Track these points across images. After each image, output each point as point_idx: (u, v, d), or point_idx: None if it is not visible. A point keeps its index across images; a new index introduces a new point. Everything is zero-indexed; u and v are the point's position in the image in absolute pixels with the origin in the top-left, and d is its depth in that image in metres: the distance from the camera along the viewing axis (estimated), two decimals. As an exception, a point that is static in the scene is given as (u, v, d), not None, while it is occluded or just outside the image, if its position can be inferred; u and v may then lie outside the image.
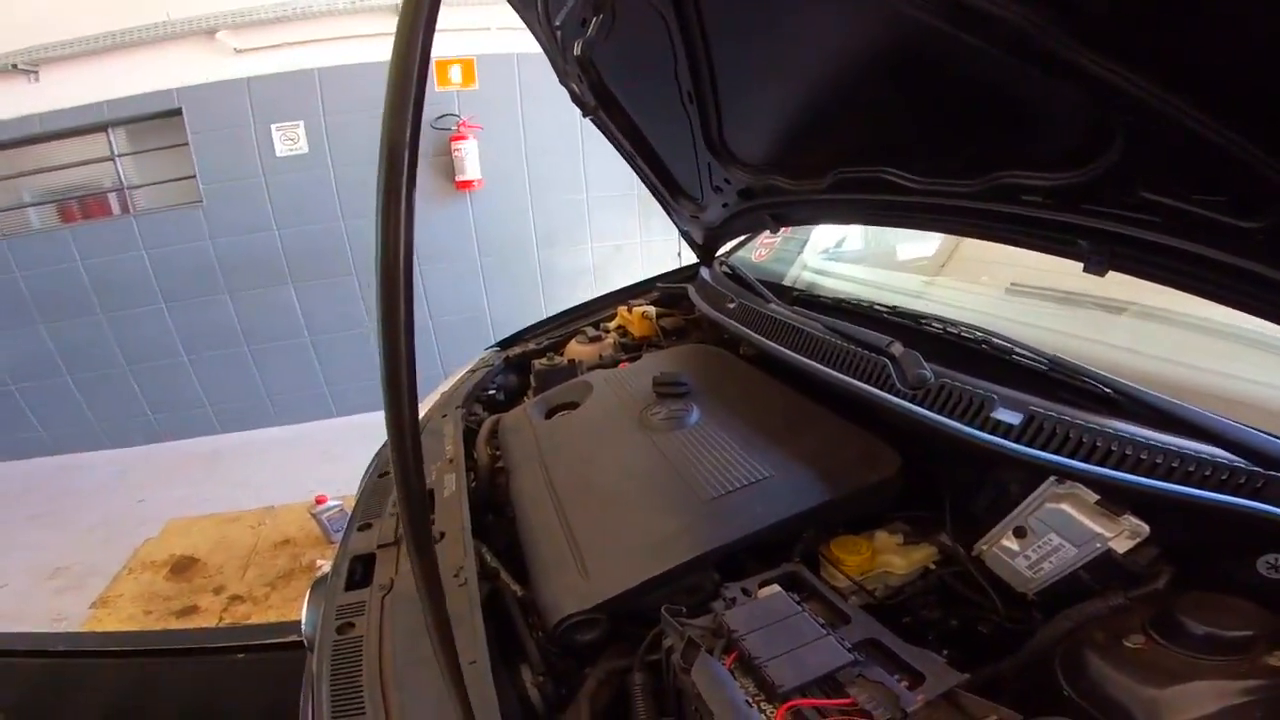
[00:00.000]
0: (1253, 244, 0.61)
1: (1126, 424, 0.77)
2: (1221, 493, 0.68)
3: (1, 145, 3.58)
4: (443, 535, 1.06)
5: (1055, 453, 0.78)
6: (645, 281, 2.11)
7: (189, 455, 4.05)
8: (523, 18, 1.38)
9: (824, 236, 2.09)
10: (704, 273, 1.84)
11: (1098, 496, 0.75)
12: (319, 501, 2.90)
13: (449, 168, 3.74)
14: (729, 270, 1.76)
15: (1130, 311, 1.18)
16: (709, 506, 0.93)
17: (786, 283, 1.79)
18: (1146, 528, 0.73)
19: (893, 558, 0.95)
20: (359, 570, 1.06)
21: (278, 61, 3.55)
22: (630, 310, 1.90)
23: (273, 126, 3.64)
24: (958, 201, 0.91)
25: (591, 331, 1.89)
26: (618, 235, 4.12)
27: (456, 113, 3.68)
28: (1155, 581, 0.73)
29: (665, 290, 2.02)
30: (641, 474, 1.07)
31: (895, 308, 1.26)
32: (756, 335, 1.37)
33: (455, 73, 3.65)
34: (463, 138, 3.63)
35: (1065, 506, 0.77)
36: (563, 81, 1.55)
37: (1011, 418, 0.83)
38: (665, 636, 0.75)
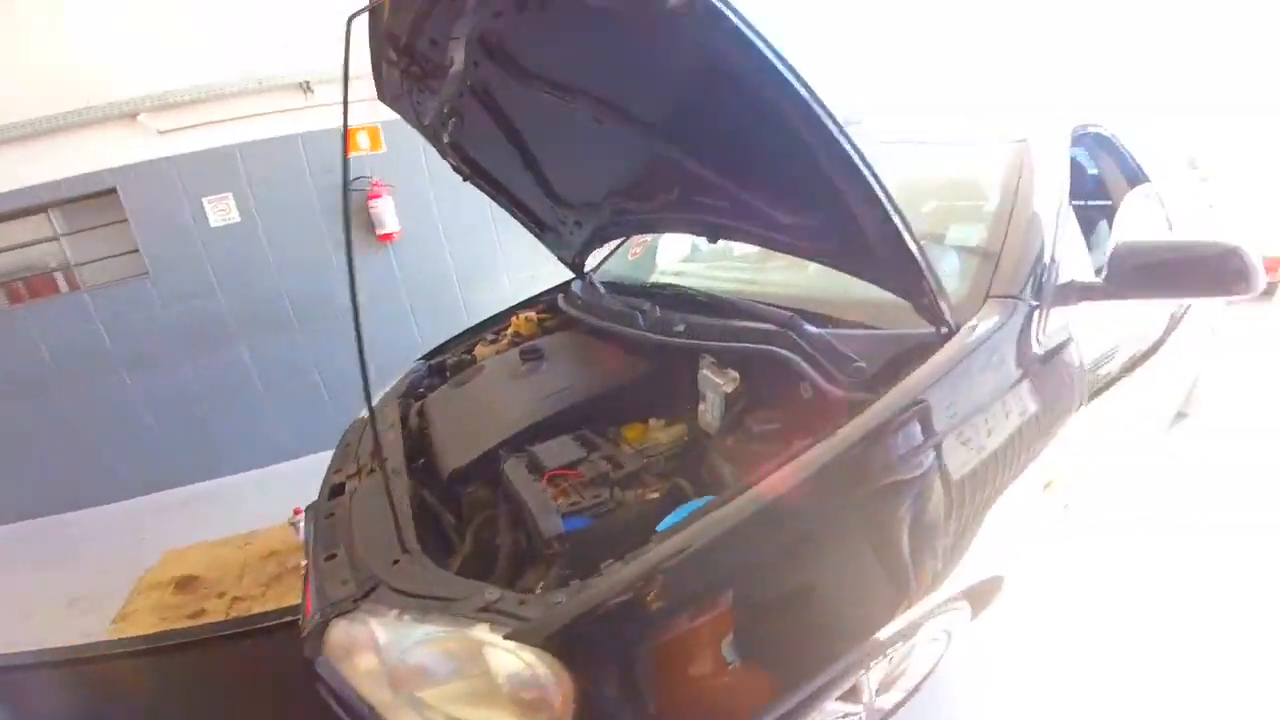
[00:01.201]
0: (734, 215, 1.34)
1: (734, 320, 1.47)
2: (750, 343, 1.37)
3: None
4: (385, 460, 1.69)
5: (696, 340, 1.48)
6: (533, 297, 2.76)
7: (168, 504, 4.44)
8: (403, 117, 1.97)
9: (672, 245, 2.77)
10: (574, 284, 2.50)
11: (714, 360, 1.45)
12: (296, 513, 3.34)
13: (369, 224, 4.23)
14: (589, 280, 2.43)
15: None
16: (532, 404, 1.60)
17: (649, 280, 2.44)
18: (737, 375, 1.41)
19: (659, 434, 1.59)
20: (334, 491, 1.65)
21: (200, 140, 3.92)
22: (520, 317, 2.56)
23: (204, 200, 4.01)
24: (654, 214, 1.64)
25: (491, 336, 2.54)
26: (529, 265, 4.57)
27: (368, 174, 4.18)
28: (737, 405, 1.38)
29: (548, 300, 2.68)
30: (506, 398, 1.73)
31: (669, 285, 1.99)
32: (586, 316, 2.05)
33: (363, 139, 4.15)
34: (377, 195, 4.12)
35: (706, 371, 1.47)
36: (443, 156, 2.16)
37: (680, 326, 1.53)
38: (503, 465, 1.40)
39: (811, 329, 1.33)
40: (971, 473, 1.20)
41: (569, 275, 2.59)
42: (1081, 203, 2.16)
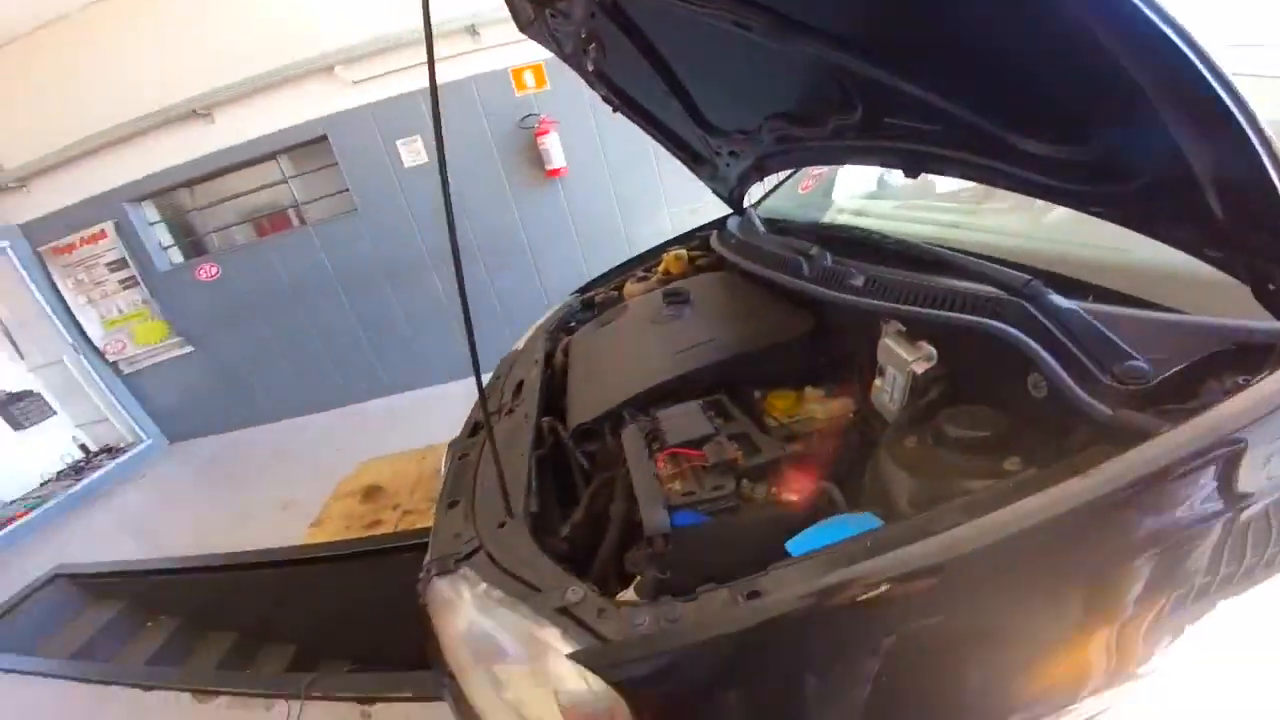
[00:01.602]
0: (939, 139, 0.95)
1: (934, 277, 1.09)
2: (973, 315, 0.95)
3: (204, 177, 4.65)
4: (521, 399, 1.60)
5: (882, 300, 1.12)
6: (687, 233, 2.53)
7: (370, 414, 5.10)
8: (544, 46, 1.80)
9: (849, 180, 2.33)
10: (730, 221, 2.22)
11: (903, 328, 1.09)
12: None
13: (539, 160, 4.31)
14: (751, 217, 2.13)
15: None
16: (671, 358, 1.38)
17: (827, 218, 2.11)
18: (934, 351, 1.03)
19: (815, 406, 1.30)
20: (474, 428, 1.60)
21: (387, 87, 4.23)
22: (670, 254, 2.34)
23: (397, 143, 4.37)
24: (822, 142, 1.28)
25: (641, 273, 2.36)
26: (689, 199, 4.44)
27: (537, 111, 4.23)
28: (930, 394, 1.01)
29: (703, 238, 2.42)
30: (642, 347, 1.54)
31: (842, 226, 1.60)
32: (739, 258, 1.76)
33: (529, 78, 4.17)
34: (545, 132, 4.16)
35: (888, 340, 1.11)
36: (591, 86, 1.98)
37: (858, 280, 1.18)
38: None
39: (1062, 301, 0.91)
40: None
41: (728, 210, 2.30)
42: None
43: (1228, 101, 0.62)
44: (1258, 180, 0.64)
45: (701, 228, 2.49)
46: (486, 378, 1.94)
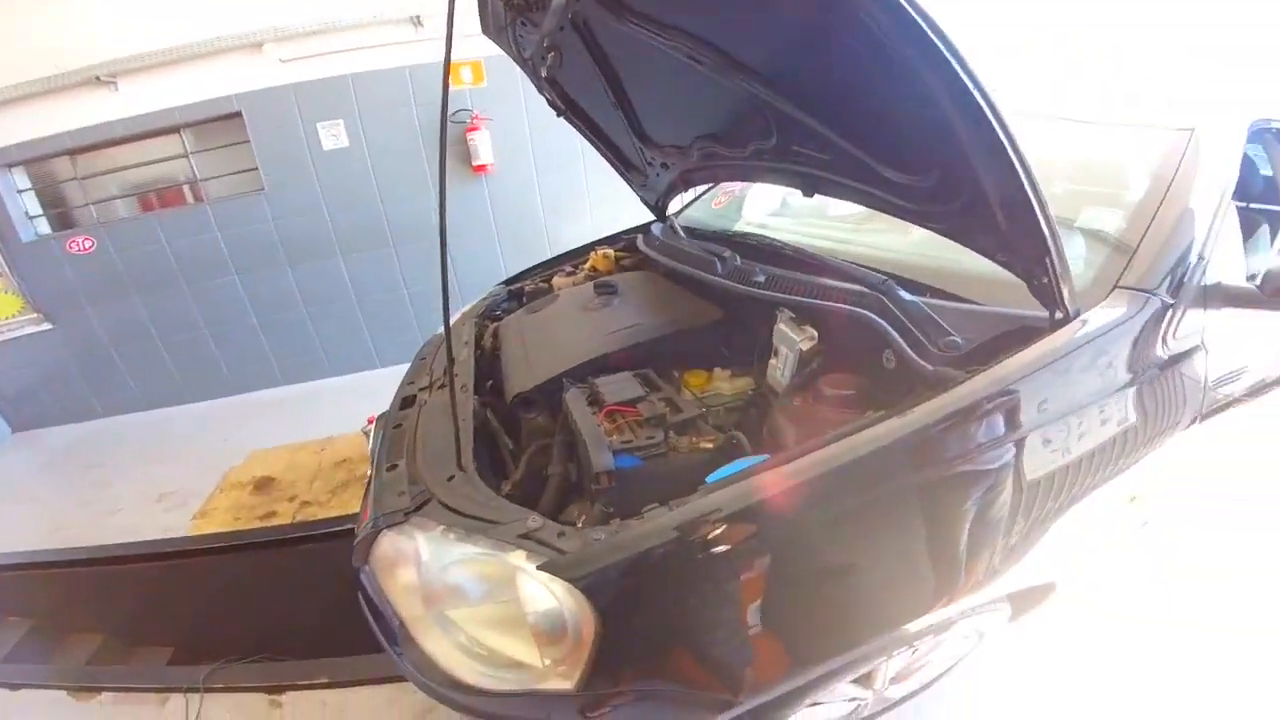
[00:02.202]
0: (831, 167, 1.23)
1: (818, 277, 1.38)
2: (837, 303, 1.27)
3: (92, 147, 4.29)
4: (456, 375, 1.72)
5: (776, 292, 1.39)
6: (614, 235, 2.73)
7: (259, 403, 4.82)
8: (504, 50, 1.96)
9: (760, 198, 2.64)
10: (654, 226, 2.45)
11: (792, 315, 1.36)
12: (370, 421, 3.57)
13: (466, 155, 4.36)
14: (670, 224, 2.38)
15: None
16: (601, 337, 1.58)
17: (732, 229, 2.36)
18: (815, 333, 1.33)
19: (722, 384, 1.55)
20: (404, 402, 1.70)
21: (317, 69, 4.14)
22: (598, 253, 2.54)
23: (319, 124, 4.26)
24: (745, 161, 1.54)
25: (569, 269, 2.54)
26: (613, 201, 4.57)
27: (469, 107, 4.28)
28: (812, 364, 1.30)
29: (628, 240, 2.64)
30: (574, 329, 1.72)
31: (751, 235, 1.88)
32: (663, 258, 2.00)
33: (466, 74, 4.23)
34: (475, 129, 4.23)
35: (781, 325, 1.39)
36: (539, 91, 2.15)
37: (760, 277, 1.45)
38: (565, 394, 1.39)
39: (905, 295, 1.23)
40: (1050, 475, 1.09)
41: (651, 218, 2.54)
42: (1245, 204, 1.92)
43: (1001, 137, 0.92)
44: (1023, 199, 0.95)
45: (627, 231, 2.70)
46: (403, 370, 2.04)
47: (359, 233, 4.60)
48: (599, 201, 4.79)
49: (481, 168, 4.39)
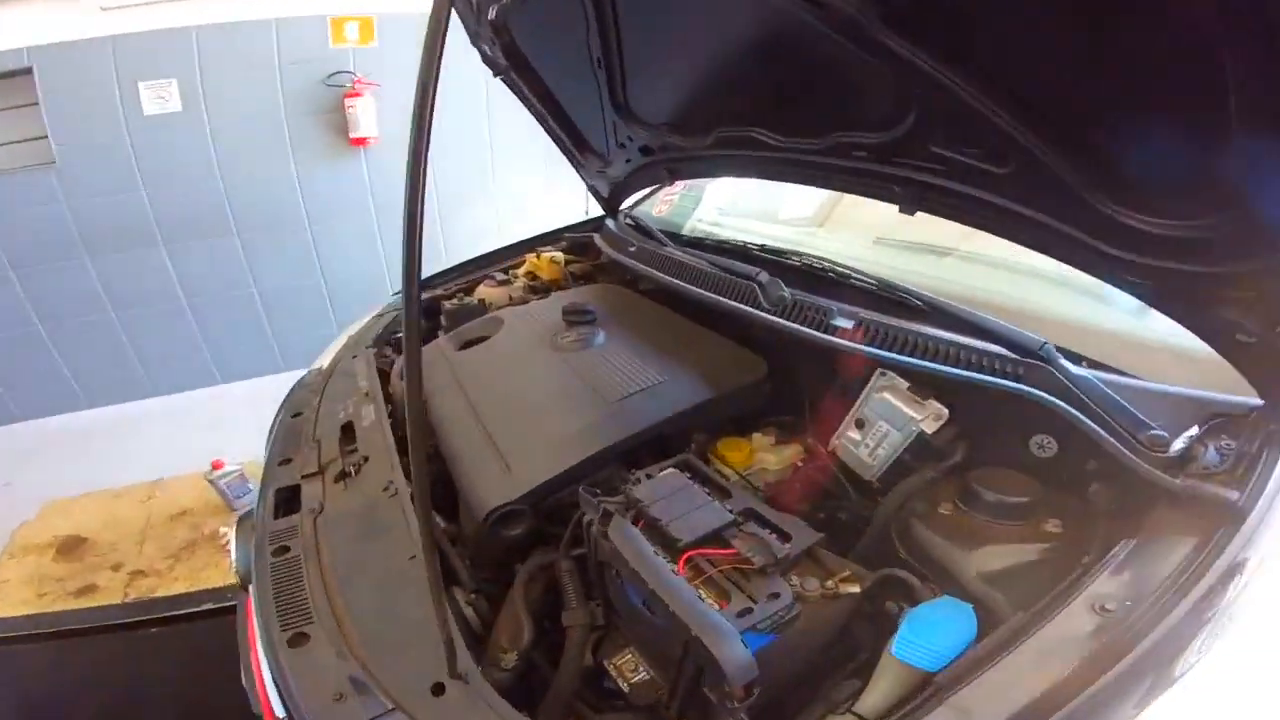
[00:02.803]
0: (1003, 185, 0.84)
1: (930, 327, 1.00)
2: (994, 376, 0.91)
3: None
4: (367, 459, 1.16)
5: (876, 348, 1.00)
6: (553, 231, 2.22)
7: (55, 434, 3.71)
8: None
9: (716, 196, 2.26)
10: (609, 223, 1.97)
11: (908, 384, 0.98)
12: (215, 467, 2.80)
13: (342, 125, 3.60)
14: (632, 221, 1.91)
15: (954, 255, 1.45)
16: (613, 408, 1.09)
17: (684, 233, 1.96)
18: (946, 411, 0.95)
19: (768, 455, 1.15)
20: (284, 502, 1.13)
21: (150, 19, 3.26)
22: (539, 256, 2.01)
23: (141, 84, 3.34)
24: (809, 157, 1.12)
25: (500, 276, 1.99)
26: (522, 192, 4.13)
27: (352, 70, 3.54)
28: (954, 456, 0.94)
29: (573, 239, 2.13)
30: (554, 387, 1.21)
31: (763, 246, 1.47)
32: (652, 270, 1.53)
33: (352, 30, 3.50)
34: (357, 95, 3.51)
35: (887, 395, 1.00)
36: (474, 43, 1.59)
37: (846, 323, 1.05)
38: (584, 514, 0.89)
39: (1080, 369, 0.88)
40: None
41: (566, 212, 2.07)
42: None
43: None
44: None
45: (570, 227, 2.20)
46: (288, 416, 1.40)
47: (190, 218, 3.65)
48: (505, 189, 4.16)
49: (361, 140, 3.65)
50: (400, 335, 1.78)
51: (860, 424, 1.06)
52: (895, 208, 1.09)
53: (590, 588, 0.93)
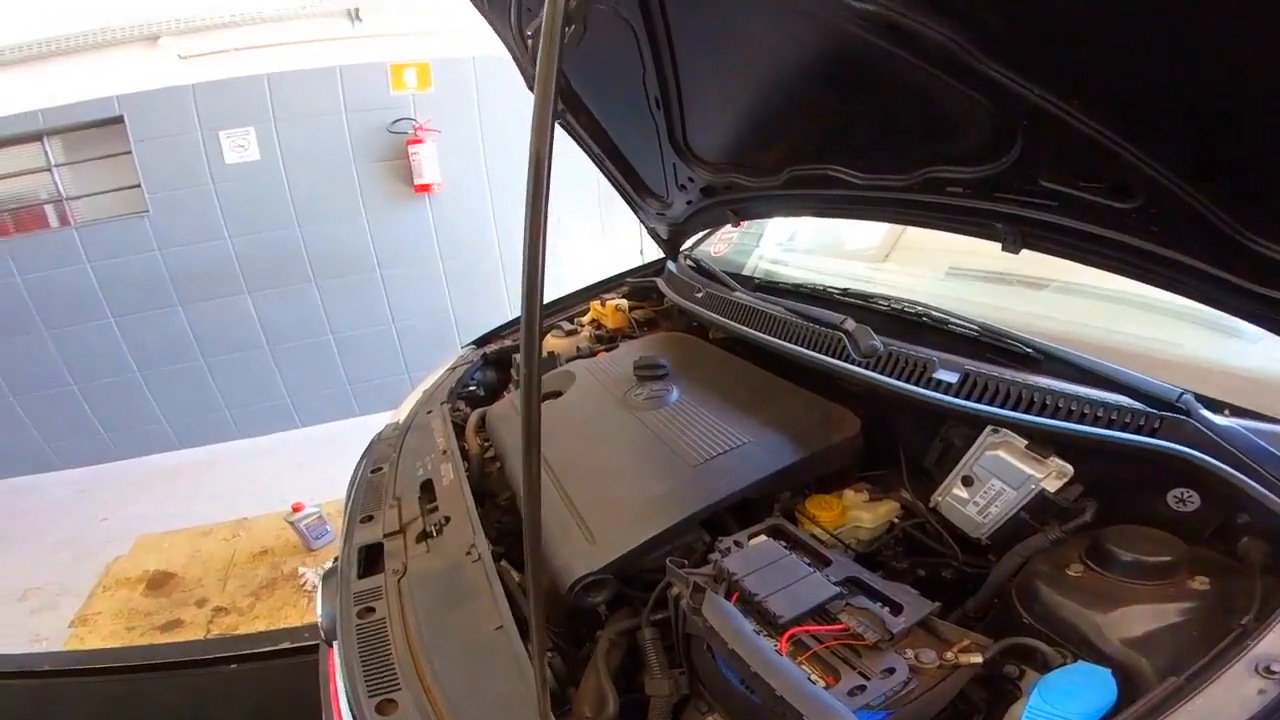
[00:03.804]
0: (1128, 221, 0.76)
1: (1046, 378, 0.91)
2: (1126, 432, 0.82)
3: None
4: (448, 519, 1.14)
5: (988, 404, 0.92)
6: (615, 277, 2.20)
7: (148, 472, 3.94)
8: (493, 27, 1.43)
9: (778, 231, 2.20)
10: (670, 266, 1.94)
11: (1026, 441, 0.89)
12: (295, 509, 2.89)
13: (406, 171, 3.74)
14: (694, 263, 1.87)
15: (1051, 287, 1.34)
16: (696, 471, 1.04)
17: (746, 273, 1.91)
18: (1070, 468, 0.86)
19: (861, 513, 1.07)
20: (367, 560, 1.13)
21: (225, 67, 3.47)
22: (603, 304, 1.99)
23: (221, 133, 3.56)
24: (895, 194, 1.05)
25: (567, 325, 1.98)
26: (579, 234, 4.17)
27: (413, 116, 3.68)
28: (1083, 515, 0.86)
29: (635, 285, 2.11)
30: (631, 448, 1.17)
31: (845, 289, 1.40)
32: (725, 319, 1.48)
33: (410, 76, 3.64)
34: (419, 141, 3.64)
35: (1002, 453, 0.91)
36: (530, 86, 1.62)
37: (950, 376, 0.96)
38: (671, 586, 0.84)
39: (1224, 419, 0.79)
40: None
41: (626, 252, 2.04)
42: None
43: None
44: None
45: (631, 272, 2.19)
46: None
47: (271, 265, 3.85)
48: (570, 231, 4.20)
49: (425, 187, 3.78)
50: (472, 388, 1.80)
51: (968, 481, 0.97)
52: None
53: (672, 653, 0.88)
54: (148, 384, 3.95)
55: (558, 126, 1.66)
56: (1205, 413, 0.79)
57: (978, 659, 0.70)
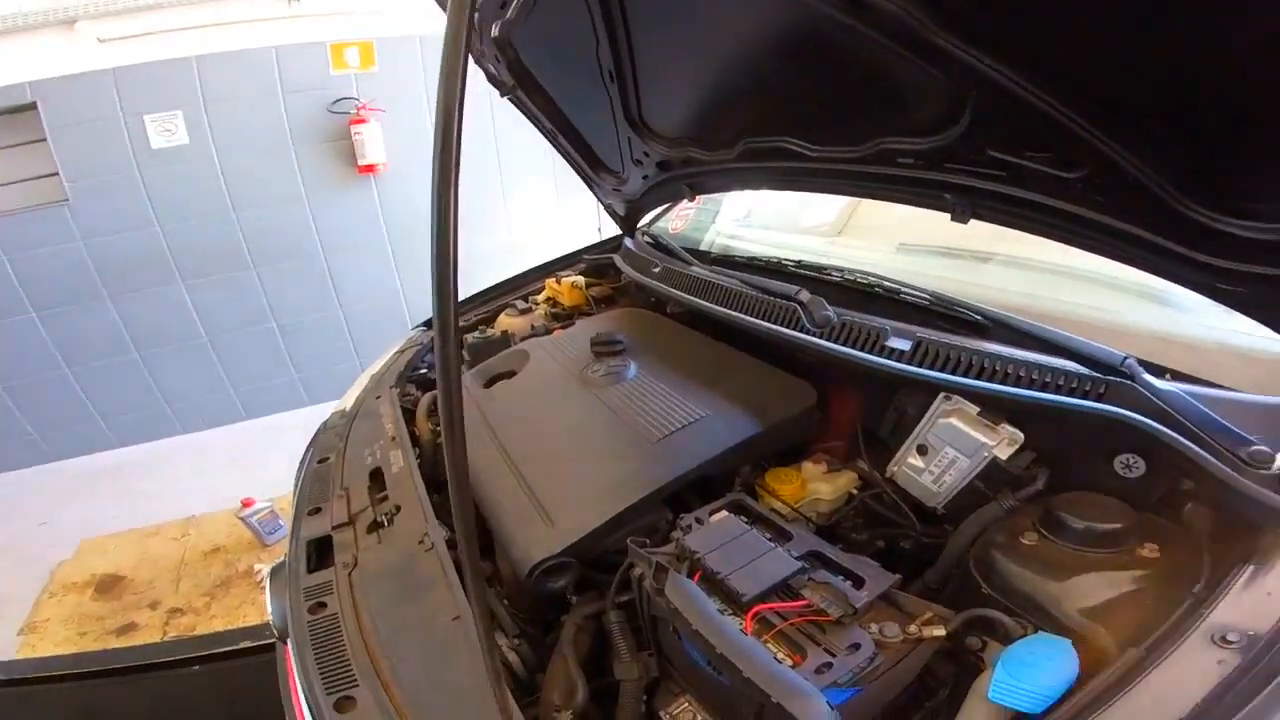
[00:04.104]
0: (1073, 191, 0.77)
1: (996, 344, 0.93)
2: (1074, 397, 0.84)
3: None
4: (399, 508, 1.11)
5: (940, 371, 0.93)
6: (571, 254, 2.16)
7: (87, 472, 3.74)
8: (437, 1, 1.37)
9: (734, 207, 2.20)
10: (628, 242, 1.91)
11: (978, 409, 0.91)
12: (246, 505, 2.79)
13: (349, 152, 3.58)
14: (651, 239, 1.85)
15: (995, 260, 1.37)
16: (656, 448, 1.03)
17: (703, 249, 1.90)
18: (1021, 435, 0.88)
19: (820, 485, 1.08)
20: (316, 553, 1.09)
21: (149, 51, 3.25)
22: (559, 281, 1.96)
23: (146, 118, 3.34)
24: (847, 166, 1.05)
25: (521, 304, 1.94)
26: (535, 213, 4.10)
27: (355, 96, 3.52)
28: (1035, 483, 0.88)
29: (591, 261, 2.08)
30: (589, 426, 1.15)
31: (800, 261, 1.40)
32: (681, 293, 1.47)
33: (353, 55, 3.48)
34: (363, 121, 3.49)
35: (954, 420, 0.92)
36: (478, 62, 1.55)
37: (902, 344, 0.97)
38: (634, 567, 0.83)
39: (1166, 384, 0.81)
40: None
41: (580, 232, 2.02)
42: None
43: None
44: None
45: (587, 249, 2.15)
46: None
47: (206, 252, 3.67)
48: (520, 209, 4.13)
49: (369, 168, 3.64)
50: (423, 371, 1.74)
51: (922, 450, 0.99)
52: (919, 211, 1.04)
53: (639, 635, 0.87)
54: (79, 380, 3.72)
55: (508, 103, 1.62)
56: (1148, 377, 0.81)
57: (941, 632, 0.71)
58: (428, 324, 1.97)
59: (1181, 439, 0.75)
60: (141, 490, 3.47)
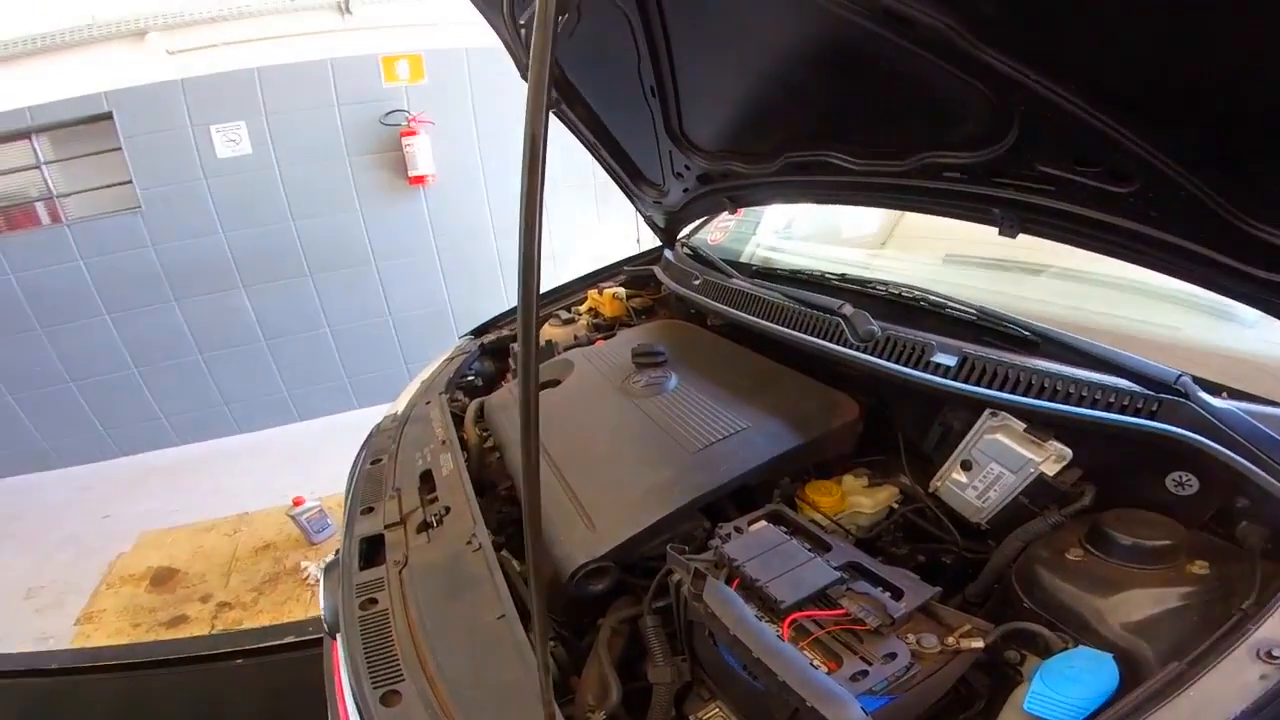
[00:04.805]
0: (1125, 206, 0.75)
1: (1044, 361, 0.91)
2: (1125, 415, 0.82)
3: None
4: (448, 510, 1.15)
5: (986, 388, 0.92)
6: (611, 265, 2.20)
7: (149, 469, 3.95)
8: (486, 17, 1.42)
9: (775, 219, 2.20)
10: (668, 254, 1.94)
11: (1025, 425, 0.89)
12: (296, 503, 2.90)
13: (400, 164, 3.72)
14: (691, 251, 1.87)
15: (1047, 272, 1.35)
16: (696, 458, 1.04)
17: (743, 260, 1.90)
18: (1069, 451, 0.86)
19: (861, 498, 1.08)
20: (368, 551, 1.13)
21: (214, 62, 3.44)
22: (600, 292, 1.99)
23: (212, 128, 3.53)
24: (892, 179, 1.05)
25: (564, 314, 1.98)
26: (575, 223, 4.16)
27: (406, 109, 3.65)
28: (1082, 499, 0.86)
29: (632, 273, 2.11)
30: (631, 436, 1.17)
31: (843, 275, 1.40)
32: (722, 306, 1.48)
33: (403, 69, 3.61)
34: (413, 133, 3.61)
35: (1000, 436, 0.91)
36: (524, 76, 1.60)
37: (948, 360, 0.97)
38: (672, 573, 0.85)
39: (1222, 401, 0.79)
40: None
41: (621, 240, 2.04)
42: None
43: None
44: None
45: (628, 260, 2.18)
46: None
47: (265, 259, 3.84)
48: (565, 220, 4.19)
49: (419, 179, 3.76)
50: (470, 378, 1.80)
51: (966, 465, 0.98)
52: (965, 223, 1.03)
53: (673, 640, 0.88)
54: (145, 380, 3.95)
55: (552, 116, 1.67)
56: (1203, 395, 0.79)
57: (979, 644, 0.70)
58: (474, 332, 2.03)
59: (1237, 457, 0.73)
60: (198, 487, 3.64)
